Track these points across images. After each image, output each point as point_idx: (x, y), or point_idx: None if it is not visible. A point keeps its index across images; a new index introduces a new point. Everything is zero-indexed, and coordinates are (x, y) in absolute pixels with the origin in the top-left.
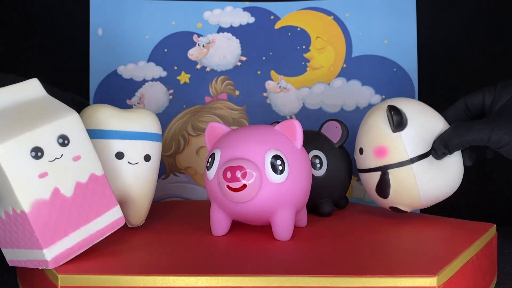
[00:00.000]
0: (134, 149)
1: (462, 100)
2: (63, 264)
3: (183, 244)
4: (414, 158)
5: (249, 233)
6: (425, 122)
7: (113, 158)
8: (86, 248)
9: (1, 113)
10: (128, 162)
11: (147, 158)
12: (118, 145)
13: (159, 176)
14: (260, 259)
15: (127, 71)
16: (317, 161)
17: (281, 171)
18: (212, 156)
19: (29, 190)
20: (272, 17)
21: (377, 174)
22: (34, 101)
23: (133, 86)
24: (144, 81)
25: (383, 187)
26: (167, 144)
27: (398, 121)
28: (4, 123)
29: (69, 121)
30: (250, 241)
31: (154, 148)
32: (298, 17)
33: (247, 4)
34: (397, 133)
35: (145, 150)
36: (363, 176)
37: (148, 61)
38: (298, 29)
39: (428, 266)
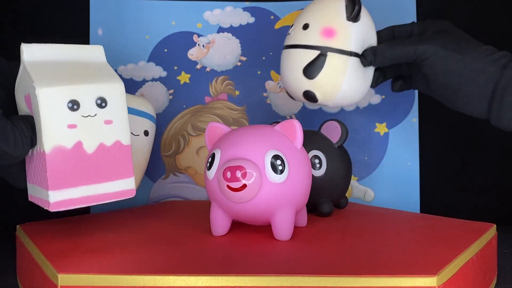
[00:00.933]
0: (137, 123)
1: (390, 27)
2: (63, 263)
3: (183, 244)
4: (353, 53)
5: (249, 233)
6: (369, 28)
7: None
8: (87, 205)
9: (59, 64)
10: (132, 133)
11: (146, 133)
12: None
13: (159, 176)
14: (260, 259)
15: (127, 71)
16: (317, 161)
17: (281, 171)
18: (212, 156)
19: (54, 135)
20: (272, 17)
21: (314, 53)
22: (92, 63)
23: (133, 86)
24: (144, 81)
25: (314, 67)
26: (167, 144)
27: (358, 12)
28: (57, 72)
29: (112, 87)
30: (250, 241)
31: (151, 127)
32: None
33: (247, 4)
34: (350, 22)
35: (145, 126)
36: (294, 52)
37: (148, 61)
38: None
39: (428, 266)
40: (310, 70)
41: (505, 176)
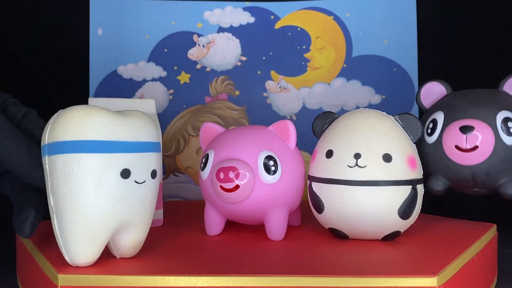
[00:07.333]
0: (141, 165)
1: None
2: (63, 263)
3: (183, 244)
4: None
5: (249, 233)
6: None
7: (118, 178)
8: None
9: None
10: (135, 181)
11: (153, 174)
12: (124, 160)
13: None
14: (260, 259)
15: (127, 71)
16: None
17: (274, 172)
18: (206, 156)
19: None
20: (272, 17)
21: (408, 188)
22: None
23: (133, 86)
24: (144, 81)
25: (412, 205)
26: (167, 144)
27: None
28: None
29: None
30: (250, 241)
31: (159, 162)
32: (298, 17)
33: (247, 4)
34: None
35: (152, 164)
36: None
37: (148, 61)
38: (298, 29)
39: (428, 266)
40: (409, 211)
41: None
